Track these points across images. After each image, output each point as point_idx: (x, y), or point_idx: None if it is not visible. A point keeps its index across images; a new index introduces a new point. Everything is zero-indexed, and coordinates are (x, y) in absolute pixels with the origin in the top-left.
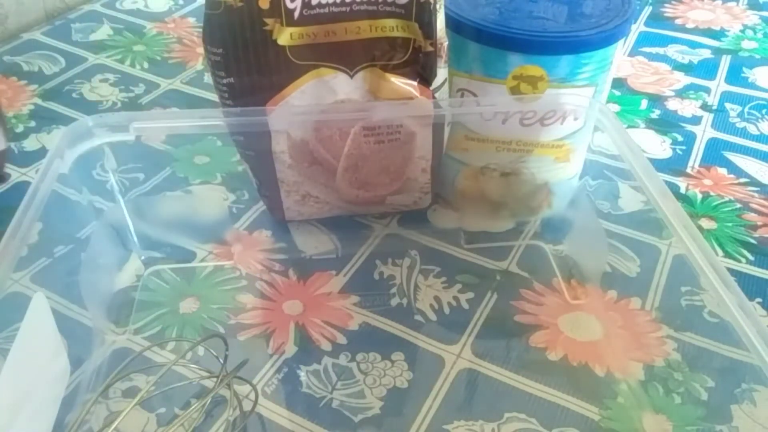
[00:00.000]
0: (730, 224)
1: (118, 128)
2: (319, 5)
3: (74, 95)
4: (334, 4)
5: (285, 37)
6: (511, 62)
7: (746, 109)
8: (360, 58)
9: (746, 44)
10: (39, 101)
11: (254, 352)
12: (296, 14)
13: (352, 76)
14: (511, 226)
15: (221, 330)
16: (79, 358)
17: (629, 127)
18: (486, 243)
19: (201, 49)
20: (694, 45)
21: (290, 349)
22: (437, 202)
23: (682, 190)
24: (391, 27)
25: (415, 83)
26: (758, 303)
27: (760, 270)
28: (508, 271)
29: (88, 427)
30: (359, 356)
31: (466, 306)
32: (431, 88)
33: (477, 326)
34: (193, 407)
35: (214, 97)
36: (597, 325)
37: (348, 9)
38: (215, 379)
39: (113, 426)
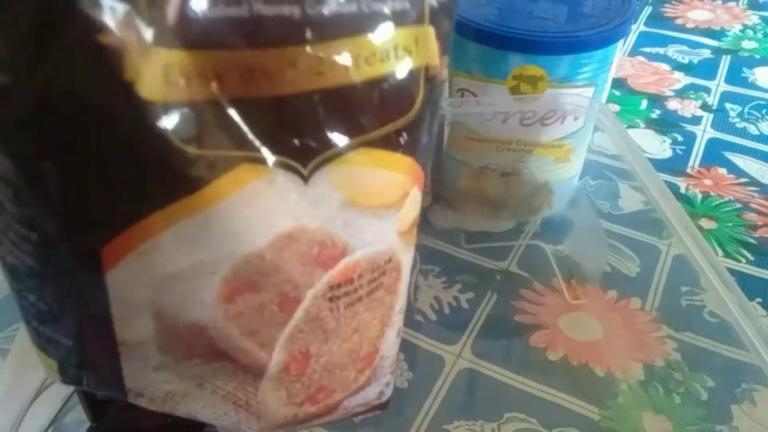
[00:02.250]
0: (730, 224)
1: None
2: None
3: None
4: None
5: (155, 76)
6: (511, 62)
7: (746, 109)
8: (328, 133)
9: (746, 44)
10: None
11: None
12: (172, 10)
13: (307, 179)
14: (511, 226)
15: None
16: None
17: (629, 127)
18: (486, 243)
19: None
20: (694, 45)
21: None
22: (437, 202)
23: (682, 190)
24: (387, 51)
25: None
26: (758, 303)
27: (760, 270)
28: (508, 271)
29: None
30: None
31: (466, 306)
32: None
33: (477, 326)
34: None
35: None
36: (597, 325)
37: (311, 4)
38: None
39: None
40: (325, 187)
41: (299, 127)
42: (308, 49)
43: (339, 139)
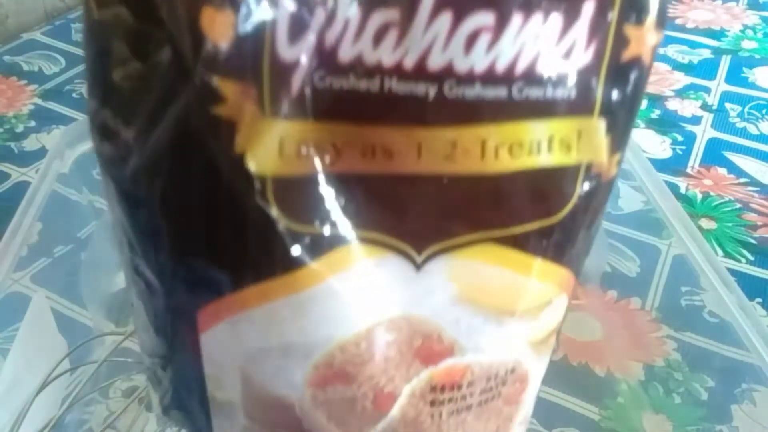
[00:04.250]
0: (730, 224)
1: None
2: (375, 67)
3: (74, 95)
4: (421, 70)
5: (268, 149)
6: None
7: (746, 109)
8: (451, 222)
9: (746, 44)
10: (39, 101)
11: None
12: (297, 81)
13: (419, 266)
14: None
15: None
16: (79, 358)
17: None
18: None
19: None
20: (694, 45)
21: None
22: None
23: (682, 190)
24: (548, 141)
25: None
26: (758, 303)
27: (760, 270)
28: None
29: (88, 427)
30: None
31: None
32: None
33: None
34: None
35: None
36: (597, 325)
37: (451, 85)
38: None
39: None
40: (438, 278)
41: (418, 211)
42: (440, 132)
43: (462, 230)
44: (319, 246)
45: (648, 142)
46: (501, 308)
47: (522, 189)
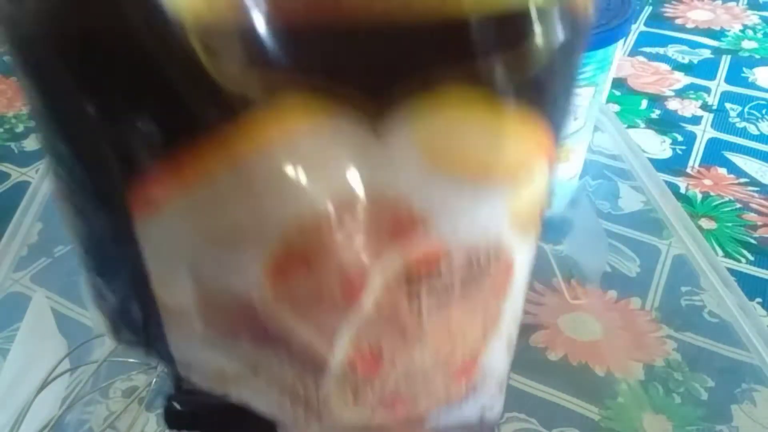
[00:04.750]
0: (730, 224)
1: None
2: None
3: None
4: None
5: None
6: None
7: (746, 109)
8: (413, 65)
9: (746, 44)
10: None
11: None
12: None
13: (377, 130)
14: None
15: None
16: (79, 358)
17: (629, 127)
18: None
19: None
20: (694, 45)
21: None
22: None
23: (682, 190)
24: None
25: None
26: (758, 303)
27: (760, 270)
28: None
29: (88, 427)
30: None
31: None
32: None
33: None
34: None
35: None
36: (597, 325)
37: None
38: None
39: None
40: (401, 143)
41: (367, 57)
42: None
43: (422, 71)
44: (257, 104)
45: (648, 142)
46: (475, 171)
47: (484, 27)
